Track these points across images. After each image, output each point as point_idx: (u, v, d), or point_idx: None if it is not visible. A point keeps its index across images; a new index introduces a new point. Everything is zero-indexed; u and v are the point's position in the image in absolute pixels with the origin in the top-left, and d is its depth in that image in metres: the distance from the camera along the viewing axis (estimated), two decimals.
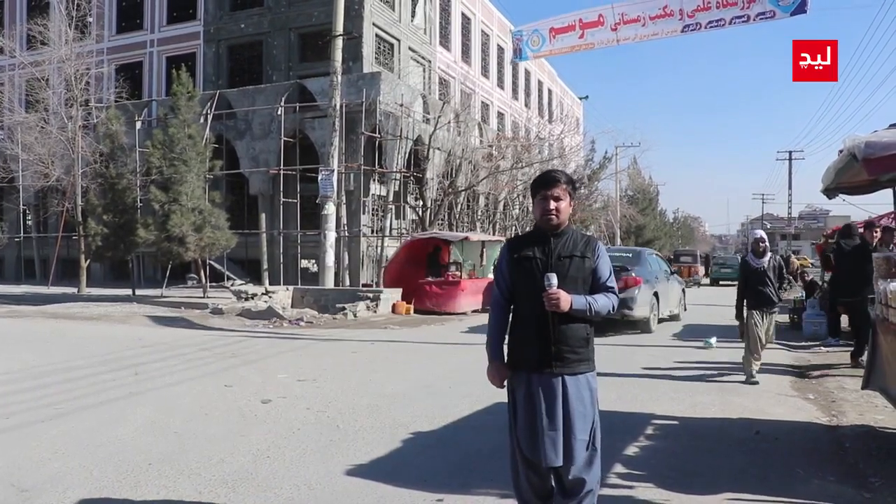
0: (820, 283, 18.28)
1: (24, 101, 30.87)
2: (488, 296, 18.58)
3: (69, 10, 25.83)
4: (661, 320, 15.77)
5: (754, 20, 14.11)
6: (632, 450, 5.86)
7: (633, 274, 14.30)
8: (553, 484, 3.69)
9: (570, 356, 3.54)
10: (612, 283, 3.68)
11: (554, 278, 3.45)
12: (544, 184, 3.64)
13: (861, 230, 11.56)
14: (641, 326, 14.51)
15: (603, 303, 3.58)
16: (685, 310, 18.58)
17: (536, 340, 3.53)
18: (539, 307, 3.47)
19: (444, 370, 10.10)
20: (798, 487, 4.94)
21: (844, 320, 14.83)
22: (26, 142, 26.86)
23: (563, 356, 3.52)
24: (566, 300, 3.43)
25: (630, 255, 16.44)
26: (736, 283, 10.36)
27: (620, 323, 14.19)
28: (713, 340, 12.50)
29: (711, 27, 14.63)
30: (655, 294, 15.10)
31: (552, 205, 3.58)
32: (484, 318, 17.00)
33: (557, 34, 16.25)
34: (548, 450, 3.49)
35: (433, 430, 6.59)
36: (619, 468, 5.34)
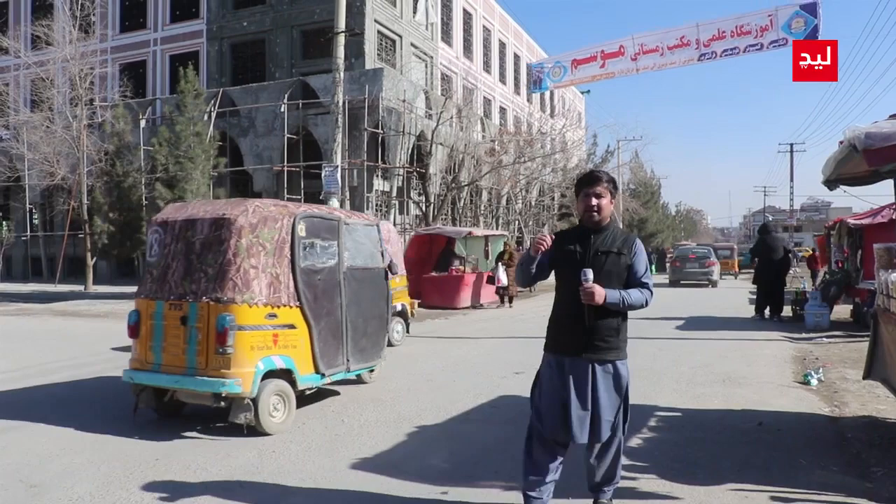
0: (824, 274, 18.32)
1: (30, 101, 30.93)
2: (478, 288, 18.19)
3: (73, 10, 25.86)
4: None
5: (767, 48, 14.64)
6: (635, 441, 5.88)
7: None
8: (557, 465, 4.05)
9: (600, 344, 3.84)
10: (648, 278, 3.95)
11: (590, 273, 3.73)
12: (587, 182, 3.94)
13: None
14: None
15: (636, 297, 3.84)
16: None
17: (572, 327, 3.86)
18: (576, 298, 3.78)
19: (447, 364, 10.13)
20: (801, 478, 4.97)
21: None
22: (32, 141, 26.93)
23: (594, 344, 3.83)
24: (600, 294, 3.72)
25: None
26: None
27: None
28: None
29: (726, 55, 15.26)
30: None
31: (594, 202, 3.88)
32: (485, 314, 16.93)
33: (579, 65, 16.99)
34: (576, 428, 3.82)
35: (437, 423, 6.63)
36: (622, 460, 5.36)
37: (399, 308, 12.03)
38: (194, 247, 6.37)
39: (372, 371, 8.38)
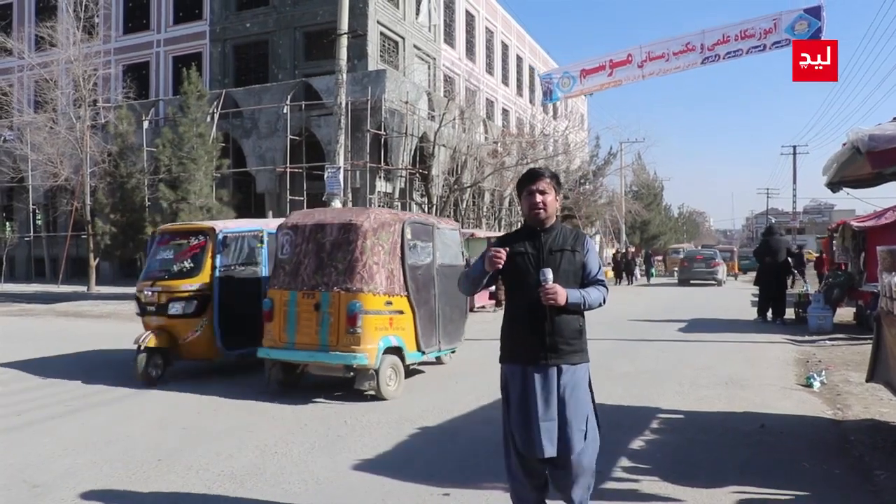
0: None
1: (34, 102, 31.00)
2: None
3: (77, 11, 25.94)
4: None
5: (770, 49, 14.77)
6: (637, 444, 5.88)
7: None
8: (547, 477, 3.74)
9: (564, 347, 3.61)
10: (602, 276, 3.78)
11: (550, 273, 3.53)
12: (529, 179, 3.76)
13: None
14: None
15: (595, 296, 3.67)
16: None
17: (531, 334, 3.61)
18: (534, 301, 3.55)
19: (449, 365, 10.13)
20: (803, 480, 4.96)
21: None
22: (35, 142, 26.99)
23: (557, 348, 3.60)
24: (563, 295, 3.52)
25: None
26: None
27: None
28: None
29: (729, 57, 15.58)
30: None
31: (538, 198, 3.69)
32: (487, 315, 16.93)
33: (588, 74, 17.30)
34: (543, 440, 3.53)
35: (439, 424, 6.63)
36: (624, 462, 5.36)
37: None
38: (324, 247, 7.80)
39: (453, 353, 9.85)
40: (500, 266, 3.59)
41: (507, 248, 3.67)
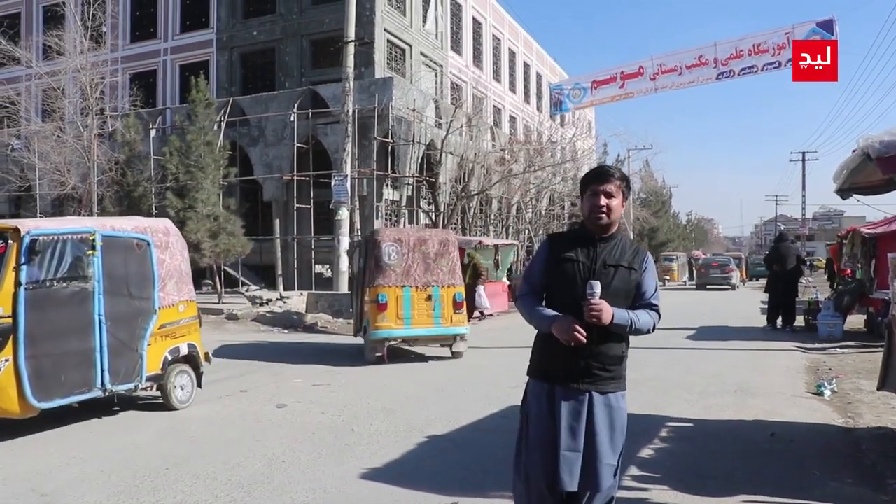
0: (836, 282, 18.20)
1: (41, 111, 31.14)
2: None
3: (84, 20, 26.04)
4: None
5: (785, 66, 14.72)
6: (646, 452, 5.84)
7: None
8: None
9: (601, 373, 3.23)
10: (657, 299, 3.36)
11: (598, 286, 3.12)
12: (596, 178, 3.32)
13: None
14: None
15: (644, 320, 3.26)
16: None
17: (567, 351, 3.19)
18: (576, 314, 3.16)
19: (457, 373, 10.11)
20: (814, 490, 4.91)
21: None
22: (43, 151, 27.08)
23: (593, 372, 3.22)
24: (608, 313, 3.11)
25: None
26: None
27: None
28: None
29: (744, 74, 15.58)
30: None
31: (603, 201, 3.24)
32: (496, 322, 16.87)
33: (599, 86, 17.41)
34: (562, 472, 3.17)
35: (447, 433, 6.60)
36: (633, 470, 5.33)
37: (185, 351, 7.86)
38: (429, 255, 11.34)
39: (464, 339, 11.84)
40: (580, 342, 3.13)
41: (551, 243, 3.42)
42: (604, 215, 3.25)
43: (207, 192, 21.04)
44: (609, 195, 3.25)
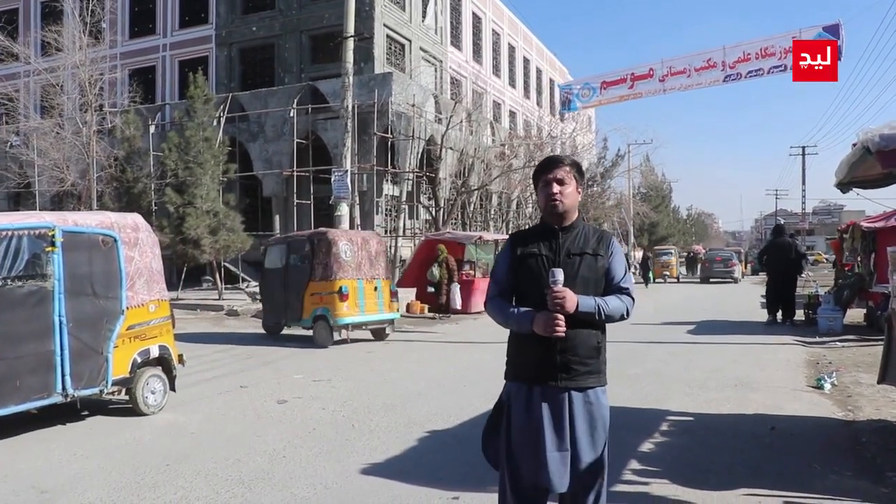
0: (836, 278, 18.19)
1: (40, 107, 31.11)
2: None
3: (83, 16, 25.98)
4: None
5: (790, 69, 14.68)
6: (647, 446, 5.85)
7: None
8: None
9: (577, 367, 3.10)
10: (628, 283, 3.23)
11: (560, 274, 3.03)
12: (545, 167, 3.26)
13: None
14: None
15: (615, 305, 3.13)
16: None
17: (539, 347, 3.11)
18: (543, 307, 3.07)
19: (458, 368, 10.12)
20: (814, 483, 4.92)
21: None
22: (42, 147, 27.05)
23: (569, 367, 3.10)
24: (572, 300, 3.01)
25: None
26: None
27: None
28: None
29: (751, 76, 15.81)
30: None
31: (556, 188, 3.18)
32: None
33: (608, 86, 17.75)
34: (553, 473, 3.05)
35: (448, 428, 6.61)
36: (634, 464, 5.33)
37: (156, 353, 7.49)
38: (371, 253, 13.60)
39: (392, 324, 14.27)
40: (559, 334, 3.03)
41: (513, 240, 3.31)
42: (558, 202, 3.18)
43: (207, 189, 21.02)
44: (561, 182, 3.19)
